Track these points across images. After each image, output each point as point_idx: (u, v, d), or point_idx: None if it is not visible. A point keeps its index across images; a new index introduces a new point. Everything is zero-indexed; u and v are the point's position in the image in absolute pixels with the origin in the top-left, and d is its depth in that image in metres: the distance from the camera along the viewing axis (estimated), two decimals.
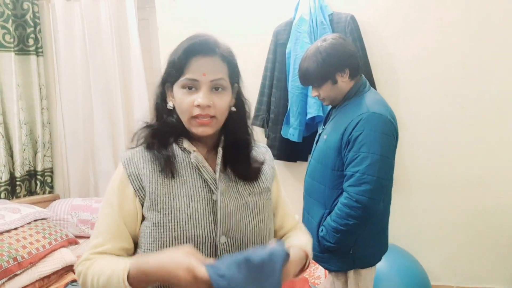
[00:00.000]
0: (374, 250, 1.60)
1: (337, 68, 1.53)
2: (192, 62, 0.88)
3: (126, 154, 0.95)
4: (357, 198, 1.42)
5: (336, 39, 1.56)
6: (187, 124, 0.91)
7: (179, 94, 0.90)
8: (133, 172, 0.91)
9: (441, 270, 2.49)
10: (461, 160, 2.41)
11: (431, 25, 2.36)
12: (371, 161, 1.41)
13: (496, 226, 2.41)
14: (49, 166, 2.98)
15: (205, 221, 0.88)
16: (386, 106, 1.53)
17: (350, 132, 1.46)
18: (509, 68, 2.29)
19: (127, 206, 0.90)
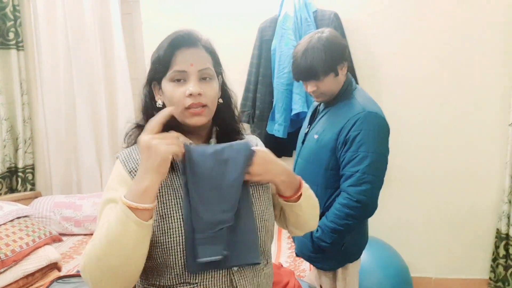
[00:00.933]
0: (360, 244, 1.64)
1: (339, 60, 1.51)
2: (178, 55, 0.90)
3: (123, 152, 0.96)
4: (358, 198, 1.42)
5: (332, 31, 1.55)
6: (180, 117, 0.91)
7: (169, 88, 0.91)
8: (134, 168, 0.91)
9: (421, 262, 2.58)
10: (440, 155, 2.49)
11: (412, 24, 2.42)
12: (371, 161, 1.42)
13: (472, 219, 2.51)
14: (31, 163, 2.93)
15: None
16: (377, 104, 1.54)
17: (347, 132, 1.45)
18: (486, 65, 2.38)
19: None
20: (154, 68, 0.94)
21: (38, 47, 2.80)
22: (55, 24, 2.77)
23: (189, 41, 0.92)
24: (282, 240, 2.32)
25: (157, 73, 0.93)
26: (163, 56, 0.91)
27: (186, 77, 0.90)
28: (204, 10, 2.61)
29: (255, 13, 2.53)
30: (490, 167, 2.44)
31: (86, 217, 2.60)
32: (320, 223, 1.50)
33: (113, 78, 2.83)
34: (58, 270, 2.08)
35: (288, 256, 2.12)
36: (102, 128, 2.86)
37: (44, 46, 2.78)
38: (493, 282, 2.46)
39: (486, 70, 2.38)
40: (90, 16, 2.73)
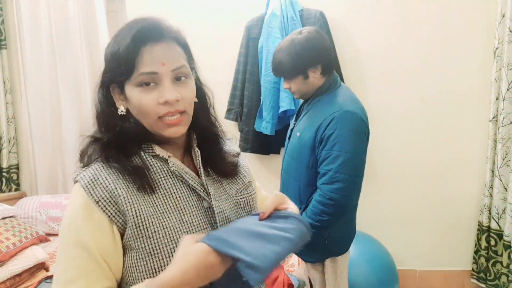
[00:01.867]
0: (347, 237, 1.67)
1: (310, 64, 1.52)
2: (144, 52, 0.73)
3: (85, 174, 0.75)
4: (330, 196, 1.45)
5: (311, 33, 1.54)
6: (153, 128, 0.76)
7: (135, 94, 0.74)
8: (104, 197, 0.72)
9: (406, 255, 2.63)
10: (423, 151, 2.55)
11: (396, 23, 2.47)
12: (344, 160, 1.43)
13: (455, 213, 2.57)
14: (15, 163, 2.88)
15: (205, 233, 0.75)
16: (358, 104, 1.55)
17: (323, 131, 1.47)
18: (467, 63, 2.44)
19: (102, 235, 0.71)
20: (112, 68, 0.75)
21: (22, 45, 2.76)
22: (39, 22, 2.74)
23: (157, 34, 0.74)
24: None
25: (118, 75, 0.74)
26: (124, 54, 0.73)
27: (157, 80, 0.74)
28: (191, 8, 2.61)
29: (242, 11, 2.55)
30: (472, 162, 2.51)
31: None
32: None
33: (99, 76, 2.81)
34: (45, 270, 2.06)
35: None
36: (88, 127, 2.83)
37: (28, 44, 2.74)
38: (476, 273, 2.54)
39: (466, 67, 2.45)
40: (75, 14, 2.70)
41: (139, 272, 0.73)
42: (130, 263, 0.74)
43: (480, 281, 2.51)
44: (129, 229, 0.72)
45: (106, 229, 0.72)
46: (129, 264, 0.74)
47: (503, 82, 2.24)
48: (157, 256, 0.72)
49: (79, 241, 0.71)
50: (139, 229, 0.72)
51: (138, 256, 0.73)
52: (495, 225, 2.37)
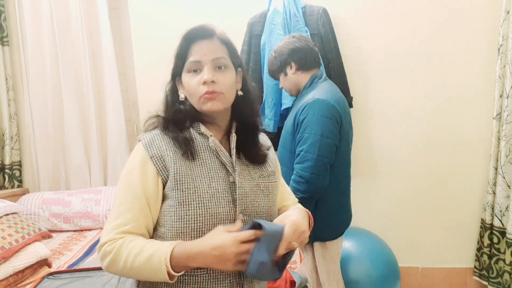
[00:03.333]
0: (336, 223, 1.76)
1: (285, 63, 1.78)
2: (193, 47, 0.95)
3: (146, 136, 0.98)
4: (301, 174, 1.61)
5: (290, 38, 1.81)
6: (197, 105, 0.96)
7: (186, 79, 0.96)
8: (156, 154, 0.94)
9: (408, 253, 2.63)
10: (425, 148, 2.54)
11: (399, 19, 2.46)
12: (312, 141, 1.60)
13: (458, 210, 2.57)
14: (17, 160, 2.89)
15: (225, 200, 0.94)
16: (333, 94, 1.70)
17: (298, 116, 1.66)
18: (470, 60, 2.43)
19: (149, 185, 0.93)
20: (175, 64, 0.99)
21: (24, 42, 2.76)
22: (41, 18, 2.73)
23: (203, 33, 0.97)
24: None
25: (177, 68, 0.99)
26: (180, 51, 0.97)
27: (201, 67, 0.95)
28: (193, 5, 2.60)
29: (244, 8, 2.53)
30: (475, 159, 2.50)
31: (75, 214, 2.58)
32: None
33: (101, 73, 2.81)
34: (48, 266, 2.06)
35: None
36: (90, 124, 2.84)
37: (29, 41, 2.74)
38: (478, 270, 2.53)
39: (470, 64, 2.43)
40: (77, 11, 2.70)
41: (170, 216, 0.92)
42: (165, 208, 0.93)
43: (482, 278, 2.50)
44: (169, 181, 0.92)
45: (154, 179, 0.93)
46: (164, 209, 0.94)
47: (507, 79, 2.23)
48: (185, 206, 0.91)
49: (129, 181, 0.93)
50: (176, 183, 0.92)
51: (171, 203, 0.92)
52: (498, 222, 2.36)
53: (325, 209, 1.69)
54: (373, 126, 2.54)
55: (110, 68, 2.77)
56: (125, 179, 0.95)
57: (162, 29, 2.61)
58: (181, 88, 1.00)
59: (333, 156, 1.65)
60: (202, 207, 0.91)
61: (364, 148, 2.56)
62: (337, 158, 1.67)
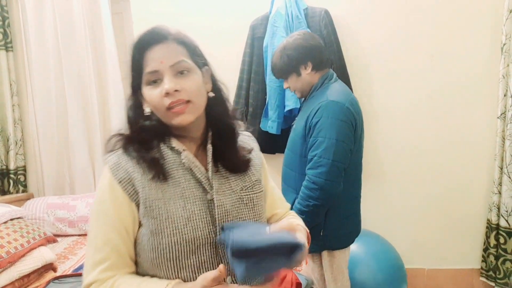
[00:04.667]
0: (345, 232, 1.70)
1: (300, 62, 1.66)
2: (147, 55, 0.85)
3: (112, 158, 0.88)
4: (314, 180, 1.53)
5: (300, 35, 1.70)
6: (166, 120, 0.86)
7: (147, 92, 0.85)
8: (124, 178, 0.85)
9: (414, 254, 2.61)
10: (430, 148, 2.53)
11: (401, 20, 2.46)
12: (327, 145, 1.52)
13: (464, 211, 2.55)
14: (22, 165, 2.90)
15: (203, 222, 0.85)
16: (346, 96, 1.63)
17: (311, 119, 1.58)
18: (474, 60, 2.42)
19: (124, 211, 0.84)
20: (132, 77, 0.89)
21: (28, 47, 2.78)
22: (44, 24, 2.75)
23: (155, 37, 0.85)
24: None
25: (135, 80, 0.88)
26: (133, 61, 0.86)
27: (160, 76, 0.84)
28: (195, 8, 2.61)
29: (247, 10, 2.54)
30: (480, 159, 2.49)
31: (80, 218, 2.58)
32: (294, 206, 1.61)
33: (105, 78, 2.82)
34: (53, 270, 2.07)
35: None
36: (94, 128, 2.84)
37: (33, 47, 2.76)
38: (485, 271, 2.51)
39: (474, 64, 2.42)
40: (80, 16, 2.72)
41: (143, 245, 0.84)
42: (138, 237, 0.85)
43: (489, 279, 2.48)
44: (140, 207, 0.84)
45: (127, 206, 0.84)
46: (138, 237, 0.85)
47: (511, 79, 2.22)
48: (158, 235, 0.82)
49: (104, 210, 0.84)
50: (146, 209, 0.83)
51: (144, 232, 0.84)
52: (504, 222, 2.35)
53: (335, 217, 1.62)
54: (377, 128, 2.53)
55: (113, 72, 2.78)
56: (97, 208, 0.86)
57: None
58: (145, 101, 0.89)
59: (347, 161, 1.58)
60: (177, 234, 0.82)
61: (369, 150, 2.53)
62: (350, 163, 1.60)
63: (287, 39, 1.72)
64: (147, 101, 0.87)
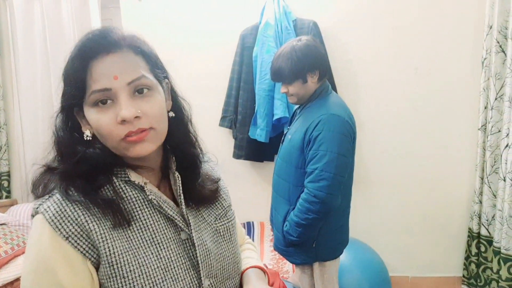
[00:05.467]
0: (336, 243, 1.70)
1: (309, 69, 1.60)
2: (93, 68, 0.64)
3: (50, 207, 0.65)
4: (316, 194, 1.51)
5: (310, 40, 1.65)
6: (118, 151, 0.68)
7: (92, 116, 0.66)
8: (74, 232, 0.64)
9: (398, 262, 2.66)
10: (414, 158, 2.59)
11: (387, 33, 2.53)
12: (329, 159, 1.51)
13: (446, 220, 2.61)
14: (6, 170, 2.85)
15: (183, 269, 0.70)
16: (345, 109, 1.64)
17: (311, 132, 1.55)
18: (456, 73, 2.50)
19: (80, 280, 0.64)
20: (67, 92, 0.66)
21: (15, 51, 2.75)
22: (33, 28, 2.73)
23: (105, 44, 0.65)
24: (264, 243, 2.36)
25: (72, 97, 0.66)
26: (73, 73, 0.65)
27: (112, 96, 0.65)
28: (185, 16, 2.64)
29: (237, 20, 2.58)
30: (461, 170, 2.56)
31: None
32: (289, 218, 1.61)
33: None
34: None
35: (271, 258, 2.16)
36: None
37: (21, 51, 2.73)
38: (466, 279, 2.57)
39: (456, 77, 2.50)
40: (69, 21, 2.71)
41: None
42: None
43: (470, 287, 2.54)
44: (102, 266, 0.65)
45: (81, 267, 0.65)
46: None
47: (491, 92, 2.30)
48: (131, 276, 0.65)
49: (54, 282, 0.63)
50: (112, 268, 0.65)
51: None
52: (485, 231, 2.41)
53: (327, 229, 1.62)
54: (363, 138, 2.58)
55: None
56: (35, 281, 0.63)
57: (155, 41, 2.61)
58: (85, 123, 0.69)
59: (349, 174, 1.60)
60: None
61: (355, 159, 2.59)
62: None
63: (296, 42, 1.64)
64: (90, 125, 0.67)
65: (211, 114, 2.62)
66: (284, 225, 1.63)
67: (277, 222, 1.71)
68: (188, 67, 2.62)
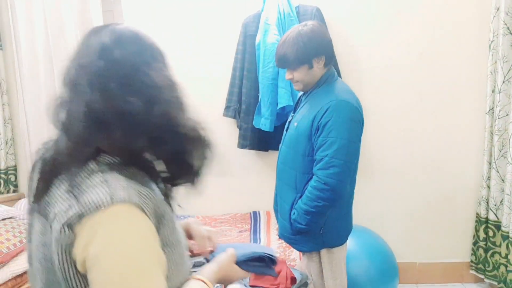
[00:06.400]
0: (342, 230, 1.70)
1: (315, 54, 1.57)
2: None
3: (130, 195, 0.66)
4: (326, 181, 1.50)
5: (316, 25, 1.62)
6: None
7: None
8: (153, 207, 0.70)
9: (405, 249, 2.65)
10: (420, 144, 2.57)
11: (391, 18, 2.49)
12: (339, 146, 1.49)
13: (453, 205, 2.60)
14: (13, 164, 2.87)
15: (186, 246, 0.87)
16: (353, 95, 1.62)
17: (319, 119, 1.52)
18: (462, 57, 2.46)
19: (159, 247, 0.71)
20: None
21: (17, 45, 2.74)
22: (34, 22, 2.72)
23: None
24: (271, 231, 2.36)
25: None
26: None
27: None
28: (187, 6, 2.61)
29: (239, 8, 2.55)
30: (469, 154, 2.53)
31: None
32: (296, 205, 1.60)
33: None
34: None
35: (277, 246, 2.16)
36: None
37: (23, 45, 2.72)
38: (474, 264, 2.56)
39: (462, 61, 2.47)
40: (70, 14, 2.69)
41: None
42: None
43: (479, 272, 2.54)
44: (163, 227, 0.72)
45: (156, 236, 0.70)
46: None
47: (499, 75, 2.27)
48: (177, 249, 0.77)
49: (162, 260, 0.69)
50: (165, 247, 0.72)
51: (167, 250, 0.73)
52: (493, 216, 2.40)
53: (335, 215, 1.61)
54: (367, 124, 2.49)
55: None
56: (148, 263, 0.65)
57: (157, 31, 2.61)
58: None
59: (357, 161, 1.59)
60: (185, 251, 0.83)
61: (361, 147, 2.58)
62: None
63: (302, 27, 1.60)
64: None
65: (214, 104, 2.60)
66: (292, 213, 1.62)
67: (283, 211, 1.70)
68: (190, 57, 2.60)
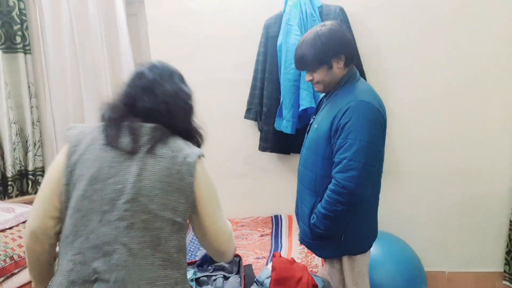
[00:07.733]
0: (366, 236, 1.64)
1: (334, 54, 1.54)
2: None
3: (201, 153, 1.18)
4: (344, 184, 1.44)
5: (334, 25, 1.59)
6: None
7: None
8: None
9: (434, 256, 2.55)
10: (449, 147, 2.47)
11: (417, 17, 2.40)
12: (358, 148, 1.43)
13: (485, 212, 2.48)
14: (40, 166, 2.94)
15: None
16: (374, 95, 1.56)
17: (338, 120, 1.48)
18: (490, 56, 2.35)
19: None
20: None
21: (45, 50, 2.83)
22: (61, 26, 2.79)
23: None
24: (293, 236, 2.31)
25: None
26: None
27: None
28: (209, 8, 2.61)
29: (260, 10, 2.52)
30: (501, 158, 2.41)
31: None
32: (316, 210, 1.55)
33: (120, 79, 2.84)
34: None
35: (299, 252, 2.11)
36: None
37: (50, 49, 2.80)
38: (508, 274, 2.44)
39: (493, 59, 2.35)
40: (96, 18, 2.74)
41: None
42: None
43: None
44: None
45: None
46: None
47: None
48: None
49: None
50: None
51: None
52: None
53: (357, 220, 1.55)
54: (393, 126, 2.47)
55: (128, 72, 2.80)
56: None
57: (179, 34, 2.63)
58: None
59: (380, 164, 1.53)
60: None
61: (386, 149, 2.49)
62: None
63: (320, 27, 1.58)
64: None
65: (236, 107, 2.59)
66: (311, 218, 1.58)
67: (303, 215, 1.66)
68: (212, 59, 2.60)
